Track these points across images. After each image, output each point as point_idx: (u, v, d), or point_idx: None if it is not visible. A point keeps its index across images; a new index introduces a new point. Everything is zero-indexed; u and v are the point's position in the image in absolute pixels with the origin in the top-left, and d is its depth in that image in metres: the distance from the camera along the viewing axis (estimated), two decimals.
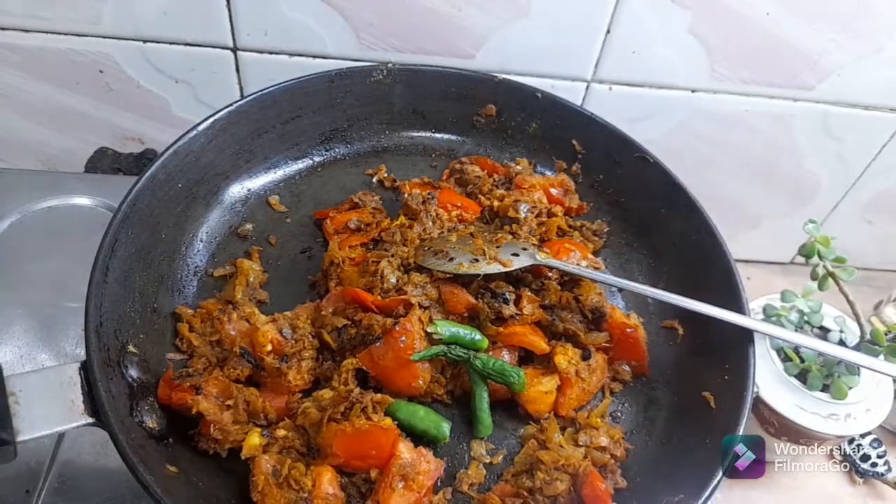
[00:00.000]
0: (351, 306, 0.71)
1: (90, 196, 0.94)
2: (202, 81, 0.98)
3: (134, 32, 0.92)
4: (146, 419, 0.61)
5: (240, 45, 0.94)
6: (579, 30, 0.94)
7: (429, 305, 0.72)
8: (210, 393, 0.63)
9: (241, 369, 0.67)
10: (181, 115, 1.02)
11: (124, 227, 0.68)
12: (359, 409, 0.61)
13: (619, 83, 1.00)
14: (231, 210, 0.84)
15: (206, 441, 0.62)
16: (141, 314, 0.69)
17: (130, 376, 0.63)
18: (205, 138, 0.79)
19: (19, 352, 0.79)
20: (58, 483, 0.70)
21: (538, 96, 0.91)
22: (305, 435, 0.63)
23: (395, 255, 0.75)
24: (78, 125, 1.03)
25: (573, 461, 0.65)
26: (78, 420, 0.56)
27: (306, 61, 0.96)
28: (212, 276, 0.78)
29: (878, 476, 0.91)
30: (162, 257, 0.75)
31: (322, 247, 0.82)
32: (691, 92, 1.01)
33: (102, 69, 0.96)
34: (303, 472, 0.59)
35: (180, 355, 0.70)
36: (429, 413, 0.66)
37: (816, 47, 0.95)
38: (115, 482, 0.71)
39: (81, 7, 0.89)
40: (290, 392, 0.67)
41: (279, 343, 0.67)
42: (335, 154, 0.93)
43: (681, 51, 0.96)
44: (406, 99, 0.93)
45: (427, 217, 0.80)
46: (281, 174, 0.89)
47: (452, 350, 0.68)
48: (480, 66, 0.97)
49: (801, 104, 1.02)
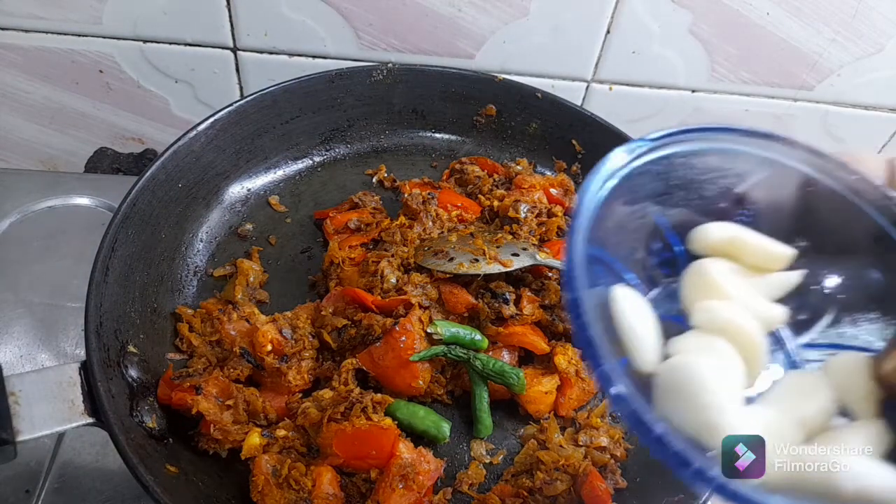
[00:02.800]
0: (351, 306, 0.71)
1: (90, 196, 0.94)
2: (202, 81, 0.98)
3: (134, 32, 0.92)
4: (146, 419, 0.61)
5: (240, 46, 0.94)
6: (579, 30, 0.94)
7: (429, 305, 0.72)
8: (210, 393, 0.63)
9: (241, 369, 0.66)
10: (181, 116, 1.02)
11: (124, 227, 0.68)
12: (359, 409, 0.61)
13: (620, 83, 1.00)
14: (231, 210, 0.84)
15: (206, 441, 0.62)
16: (141, 314, 0.69)
17: (130, 376, 0.63)
18: (205, 138, 0.79)
19: (19, 352, 0.79)
20: (58, 483, 0.70)
21: (538, 96, 0.91)
22: (305, 435, 0.63)
23: (395, 255, 0.75)
24: (78, 125, 1.03)
25: (573, 461, 0.65)
26: (78, 420, 0.56)
27: (306, 61, 0.96)
28: (212, 276, 0.78)
29: None
30: (162, 257, 0.75)
31: (322, 247, 0.82)
32: (691, 92, 1.01)
33: (102, 69, 0.96)
34: (303, 472, 0.59)
35: (180, 355, 0.70)
36: (429, 413, 0.66)
37: (816, 47, 0.96)
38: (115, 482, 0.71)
39: (82, 7, 0.89)
40: (290, 392, 0.67)
41: (279, 343, 0.67)
42: (335, 154, 0.93)
43: (681, 51, 0.96)
44: (406, 99, 0.93)
45: (427, 217, 0.80)
46: (281, 174, 0.89)
47: (452, 350, 0.68)
48: (480, 66, 0.97)
49: (801, 104, 1.03)
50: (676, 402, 0.29)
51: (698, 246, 0.35)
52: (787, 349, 0.36)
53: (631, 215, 0.35)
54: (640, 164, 0.33)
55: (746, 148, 0.34)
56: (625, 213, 0.34)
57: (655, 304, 0.35)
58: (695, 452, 0.26)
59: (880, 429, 0.30)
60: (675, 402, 0.29)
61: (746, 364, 0.31)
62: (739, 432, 0.28)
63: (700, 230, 0.35)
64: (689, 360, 0.30)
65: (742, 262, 0.34)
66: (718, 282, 0.32)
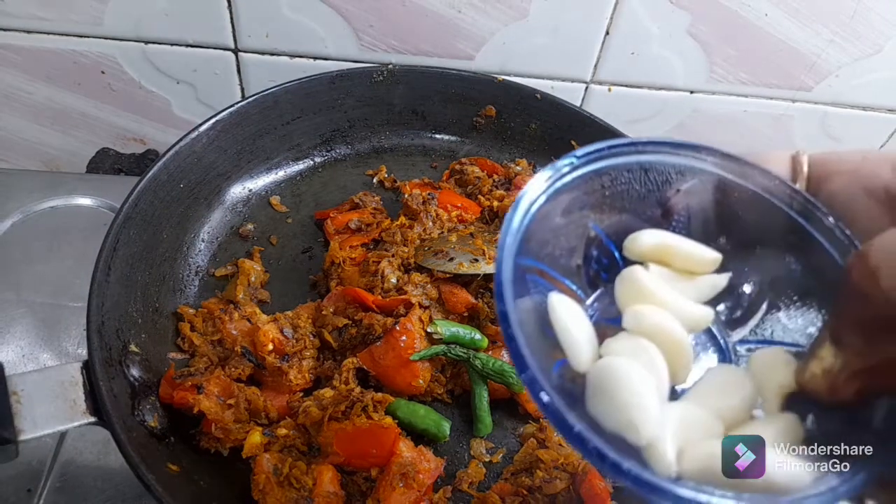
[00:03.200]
0: (352, 306, 0.71)
1: (92, 196, 0.94)
2: (204, 82, 0.99)
3: (135, 33, 0.92)
4: (148, 418, 0.61)
5: (241, 47, 0.94)
6: (578, 31, 0.94)
7: (429, 305, 0.72)
8: (211, 392, 0.63)
9: (243, 368, 0.67)
10: (183, 116, 1.03)
11: (126, 227, 0.69)
12: (359, 408, 0.61)
13: (619, 84, 1.00)
14: (232, 210, 0.84)
15: (208, 440, 0.63)
16: (143, 314, 0.69)
17: (132, 375, 0.63)
18: (206, 139, 0.79)
19: (21, 351, 0.79)
20: (59, 482, 0.70)
21: (538, 97, 0.92)
22: (306, 434, 0.63)
23: (395, 255, 0.75)
24: (80, 126, 1.03)
25: (573, 459, 0.65)
26: (80, 419, 0.56)
27: (307, 63, 0.96)
28: (213, 276, 0.78)
29: None
30: (164, 257, 0.75)
31: (323, 247, 0.82)
32: (690, 93, 1.01)
33: (104, 70, 0.96)
34: (304, 470, 0.60)
35: (182, 354, 0.70)
36: (429, 412, 0.66)
37: (814, 48, 0.96)
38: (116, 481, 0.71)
39: (83, 8, 0.89)
40: (291, 391, 0.67)
41: (280, 342, 0.68)
42: (336, 155, 0.93)
43: (680, 52, 0.96)
44: (406, 100, 0.93)
45: (427, 217, 0.81)
46: (282, 175, 0.89)
47: (452, 349, 0.68)
48: (480, 67, 0.98)
49: (800, 105, 1.03)
50: (603, 400, 0.31)
51: (631, 253, 0.37)
52: (724, 346, 0.37)
53: (568, 226, 0.37)
54: (571, 178, 0.35)
55: (672, 159, 0.36)
56: (562, 225, 0.36)
57: (596, 307, 0.37)
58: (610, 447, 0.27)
59: (791, 422, 0.32)
60: (602, 401, 0.31)
61: (673, 362, 0.33)
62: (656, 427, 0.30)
63: (632, 238, 0.37)
64: (614, 361, 0.32)
65: (672, 267, 0.36)
66: (646, 286, 0.34)
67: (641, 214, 0.37)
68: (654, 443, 0.30)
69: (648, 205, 0.37)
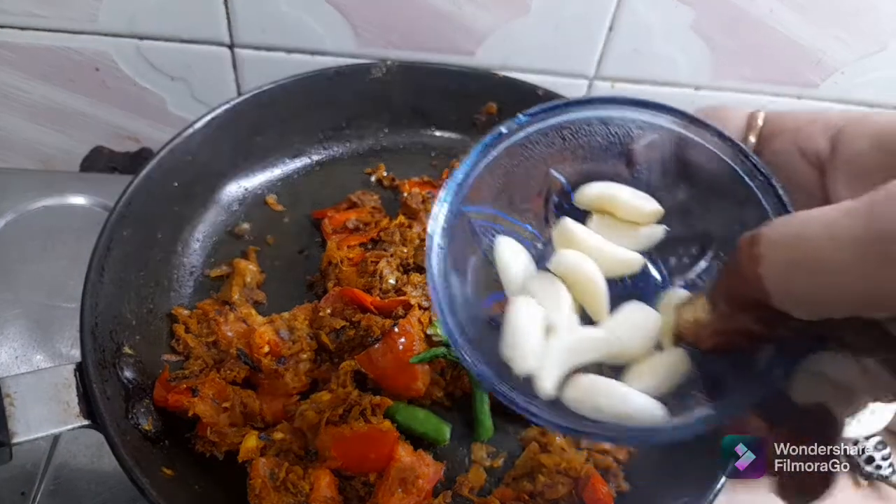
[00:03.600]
0: (349, 307, 0.70)
1: (86, 195, 0.93)
2: (199, 79, 0.97)
3: (130, 30, 0.91)
4: (142, 421, 0.61)
5: (237, 42, 0.93)
6: (581, 27, 0.93)
7: (428, 306, 0.71)
8: (207, 395, 0.62)
9: (238, 371, 0.66)
10: (177, 114, 1.01)
11: (120, 226, 0.68)
12: (357, 412, 0.61)
13: (622, 80, 0.99)
14: (228, 209, 0.83)
15: (203, 444, 0.62)
16: (137, 315, 0.68)
17: (126, 378, 0.63)
18: (201, 137, 0.78)
19: (14, 353, 0.79)
20: (53, 485, 0.70)
21: (539, 94, 0.90)
22: (303, 438, 0.62)
23: (394, 255, 0.74)
24: (73, 124, 1.02)
25: (575, 464, 0.64)
26: (73, 422, 0.56)
27: (304, 58, 0.95)
28: (208, 277, 0.77)
29: (883, 479, 0.90)
30: (158, 257, 0.74)
31: (320, 247, 0.81)
32: (694, 89, 1.00)
33: (98, 67, 0.95)
34: (301, 475, 0.59)
35: (176, 357, 0.69)
36: (428, 416, 0.65)
37: (820, 45, 0.95)
38: (110, 484, 0.70)
39: (77, 4, 0.88)
40: (288, 394, 0.66)
41: (276, 344, 0.67)
42: (333, 153, 0.92)
43: (683, 48, 0.95)
44: (405, 97, 0.92)
45: (427, 216, 0.80)
46: (278, 173, 0.88)
47: (452, 352, 0.67)
48: (481, 63, 0.96)
49: (805, 102, 1.02)
50: (507, 335, 0.35)
51: (580, 203, 0.41)
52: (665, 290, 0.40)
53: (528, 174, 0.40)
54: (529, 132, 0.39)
55: (632, 114, 0.39)
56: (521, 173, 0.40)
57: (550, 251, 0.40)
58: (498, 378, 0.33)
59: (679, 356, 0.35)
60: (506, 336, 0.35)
61: (590, 301, 0.37)
62: (534, 359, 0.34)
63: (580, 189, 0.41)
64: (515, 300, 0.36)
65: (616, 217, 0.40)
66: (575, 233, 0.38)
67: (603, 164, 0.40)
68: (533, 372, 0.34)
69: (610, 155, 0.40)
